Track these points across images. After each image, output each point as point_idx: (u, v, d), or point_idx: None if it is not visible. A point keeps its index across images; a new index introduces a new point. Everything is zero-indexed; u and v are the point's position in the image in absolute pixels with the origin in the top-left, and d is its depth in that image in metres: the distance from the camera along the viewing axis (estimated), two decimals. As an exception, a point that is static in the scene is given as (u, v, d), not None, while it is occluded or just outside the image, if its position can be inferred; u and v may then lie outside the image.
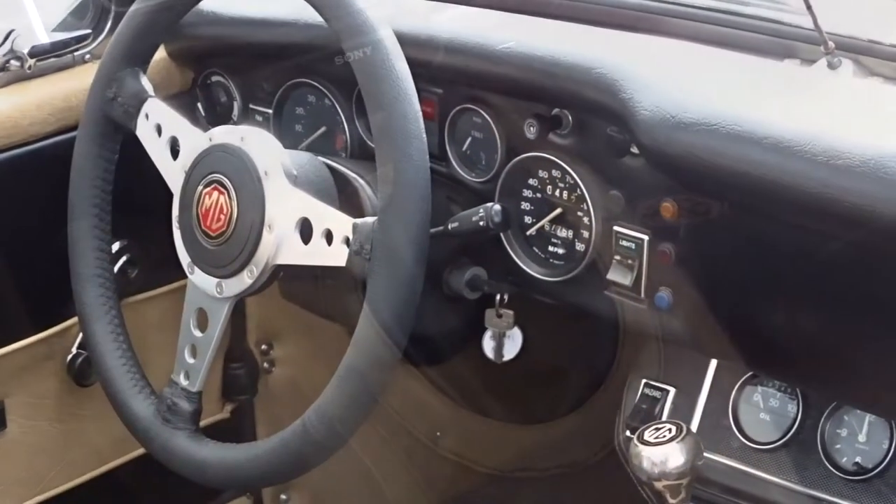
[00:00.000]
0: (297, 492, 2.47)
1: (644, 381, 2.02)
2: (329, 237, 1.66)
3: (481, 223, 1.70)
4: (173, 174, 1.83)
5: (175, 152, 1.84)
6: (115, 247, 2.09)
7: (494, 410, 2.58)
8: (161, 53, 2.11)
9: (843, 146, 1.45)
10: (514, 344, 1.97)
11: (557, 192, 1.82)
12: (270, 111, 2.08)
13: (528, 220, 1.86)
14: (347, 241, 1.63)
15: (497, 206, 1.69)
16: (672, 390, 1.99)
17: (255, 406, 2.42)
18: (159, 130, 1.86)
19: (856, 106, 1.55)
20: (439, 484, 2.62)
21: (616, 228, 1.76)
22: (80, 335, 2.06)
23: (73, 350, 2.12)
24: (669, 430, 1.65)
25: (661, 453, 1.63)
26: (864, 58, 1.72)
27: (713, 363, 1.96)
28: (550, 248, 1.85)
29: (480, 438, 2.60)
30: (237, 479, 1.74)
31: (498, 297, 1.94)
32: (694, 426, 1.95)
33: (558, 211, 1.82)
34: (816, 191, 1.46)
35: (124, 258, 2.13)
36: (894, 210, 1.41)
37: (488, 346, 1.98)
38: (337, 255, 1.64)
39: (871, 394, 1.71)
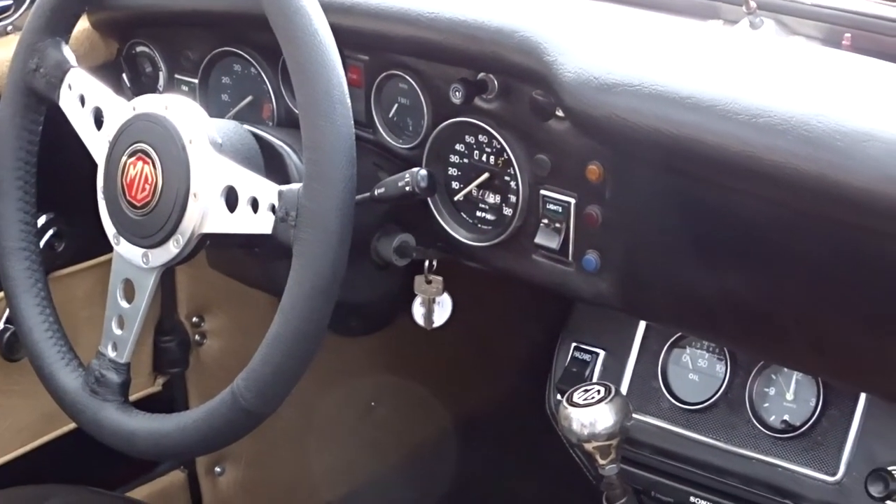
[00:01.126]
0: (231, 463, 2.47)
1: (574, 344, 2.04)
2: (255, 205, 1.65)
3: (407, 188, 1.70)
4: (97, 145, 1.81)
5: (99, 123, 1.82)
6: (41, 220, 2.07)
7: (428, 378, 2.59)
8: (84, 24, 2.09)
9: (765, 105, 1.46)
10: (443, 310, 1.97)
11: (484, 157, 1.82)
12: (196, 81, 2.07)
13: (455, 185, 1.86)
14: (273, 209, 1.62)
15: (423, 171, 1.69)
16: (602, 353, 2.01)
17: (188, 379, 2.41)
18: (83, 101, 1.84)
19: (778, 65, 1.56)
20: (375, 453, 2.62)
21: (543, 192, 1.76)
22: (7, 310, 2.04)
23: (1, 325, 2.10)
24: (598, 391, 1.66)
25: (589, 415, 1.64)
26: (786, 17, 1.74)
27: (642, 325, 1.98)
28: (478, 214, 1.85)
29: (415, 407, 2.60)
30: (166, 449, 1.73)
31: (427, 263, 1.94)
32: (624, 388, 1.97)
33: (485, 176, 1.82)
34: (739, 150, 1.47)
35: (51, 232, 2.11)
36: (816, 168, 1.42)
37: (418, 312, 1.98)
38: (263, 223, 1.63)
39: (797, 352, 1.73)
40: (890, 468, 1.77)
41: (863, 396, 1.81)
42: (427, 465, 2.64)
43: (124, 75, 2.16)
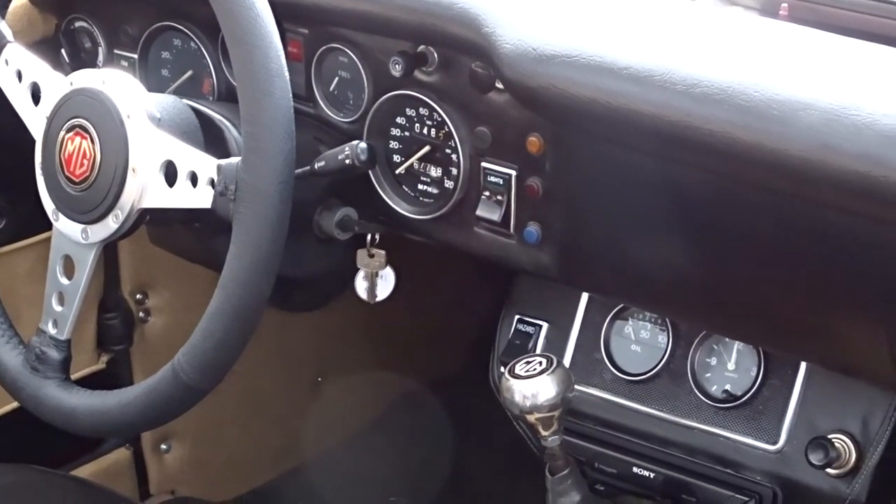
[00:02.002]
0: (177, 441, 2.46)
1: (517, 316, 2.04)
2: (194, 179, 1.64)
3: (347, 161, 1.69)
4: (35, 120, 1.80)
5: (36, 98, 1.81)
6: (-20, 199, 2.06)
7: (374, 353, 2.59)
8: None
9: (703, 75, 1.46)
10: (386, 284, 1.97)
11: (425, 130, 1.81)
12: (136, 56, 2.05)
13: (396, 158, 1.85)
14: (212, 183, 1.61)
15: (363, 144, 1.68)
16: (545, 325, 2.02)
17: (132, 356, 2.40)
18: (20, 76, 1.82)
19: (715, 35, 1.56)
20: (322, 429, 2.62)
21: (484, 165, 1.76)
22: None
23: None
24: (540, 363, 1.66)
25: (531, 387, 1.64)
26: (725, -12, 1.74)
27: (585, 297, 1.98)
28: (420, 187, 1.85)
29: (361, 381, 2.60)
30: (108, 425, 1.72)
31: (369, 237, 1.93)
32: (567, 360, 1.97)
33: (427, 149, 1.82)
34: (676, 119, 1.47)
35: (-9, 209, 2.11)
36: (752, 137, 1.43)
37: (361, 286, 1.98)
38: (202, 197, 1.63)
39: (739, 322, 1.74)
40: (830, 436, 1.78)
41: (803, 365, 1.82)
42: (374, 439, 2.64)
43: (63, 51, 2.14)
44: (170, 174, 1.66)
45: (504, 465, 2.34)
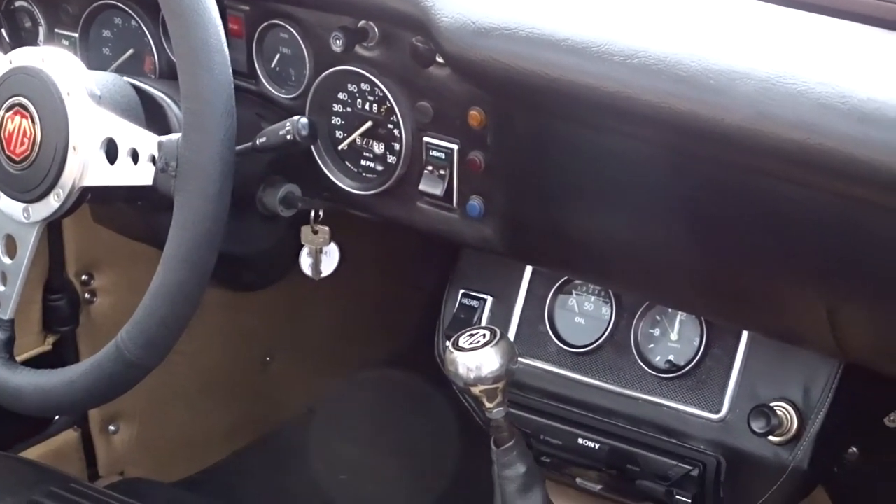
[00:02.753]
0: (125, 422, 2.45)
1: (462, 291, 2.05)
2: (135, 156, 1.64)
3: (288, 136, 1.69)
4: (-25, 100, 1.79)
5: (-25, 78, 1.80)
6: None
7: (322, 330, 2.59)
8: (-40, -21, 2.06)
9: (640, 46, 1.47)
10: (331, 260, 1.97)
11: (367, 106, 1.81)
12: (77, 35, 2.04)
13: (339, 134, 1.85)
14: (153, 159, 1.61)
15: (304, 119, 1.68)
16: (489, 299, 2.02)
17: (79, 337, 2.39)
18: (-42, 56, 1.82)
19: (652, 6, 1.57)
20: (272, 408, 2.62)
21: (426, 139, 1.76)
22: None
23: None
24: (483, 335, 1.67)
25: (475, 359, 1.64)
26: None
27: (529, 270, 1.99)
28: (363, 162, 1.85)
29: (310, 359, 2.60)
30: (53, 404, 1.72)
31: (313, 213, 1.94)
32: (511, 333, 1.98)
33: (369, 124, 1.82)
34: (615, 90, 1.48)
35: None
36: (689, 107, 1.44)
37: (305, 262, 1.98)
38: (143, 174, 1.62)
39: (681, 293, 1.75)
40: (772, 404, 1.80)
41: (745, 335, 1.84)
42: (324, 417, 2.64)
43: (3, 31, 2.12)
44: (111, 152, 1.66)
45: (452, 440, 2.35)
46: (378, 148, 1.83)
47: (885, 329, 1.56)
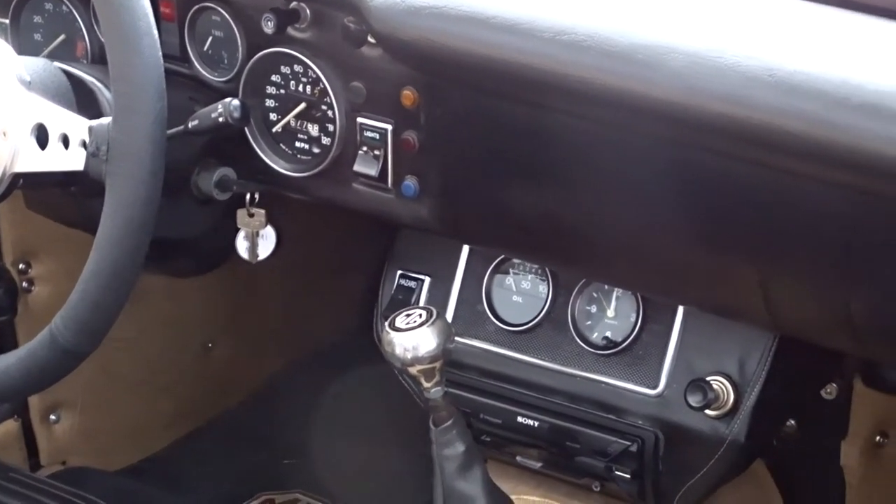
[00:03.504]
0: (66, 411, 2.44)
1: (399, 272, 2.05)
2: (66, 141, 1.62)
3: (220, 119, 1.69)
4: None
5: None
6: None
7: (263, 314, 2.59)
8: None
9: (570, 23, 1.48)
10: (267, 242, 1.97)
11: (301, 87, 1.81)
12: (7, 21, 2.03)
13: (273, 117, 1.85)
14: (84, 144, 1.60)
15: (235, 101, 1.68)
16: (427, 279, 2.03)
17: (17, 327, 2.37)
18: None
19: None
20: (215, 394, 2.62)
21: (360, 120, 1.76)
22: None
23: None
24: (420, 315, 1.67)
25: (412, 339, 1.64)
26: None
27: (466, 250, 1.99)
28: (297, 144, 1.85)
29: (252, 344, 2.60)
30: (-11, 391, 1.71)
31: (248, 196, 1.93)
32: (450, 313, 1.98)
33: (302, 106, 1.82)
34: (545, 67, 1.48)
35: None
36: (619, 82, 1.44)
37: (242, 246, 1.98)
38: (74, 159, 1.61)
39: (617, 269, 1.76)
40: (708, 378, 1.81)
41: (681, 310, 1.85)
42: (267, 401, 2.64)
43: (-68, 18, 2.11)
44: (41, 137, 1.64)
45: (393, 420, 2.35)
46: (312, 130, 1.83)
47: (816, 301, 1.57)
